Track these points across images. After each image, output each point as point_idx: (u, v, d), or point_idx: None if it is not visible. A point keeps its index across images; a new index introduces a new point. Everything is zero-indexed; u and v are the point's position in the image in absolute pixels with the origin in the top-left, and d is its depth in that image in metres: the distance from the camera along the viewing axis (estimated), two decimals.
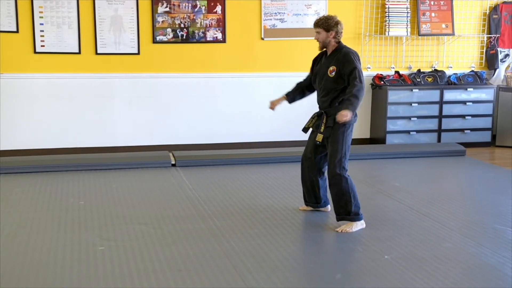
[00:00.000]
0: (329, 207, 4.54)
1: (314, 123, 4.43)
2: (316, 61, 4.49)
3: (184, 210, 4.69)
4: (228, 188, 5.37)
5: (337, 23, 4.27)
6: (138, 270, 3.46)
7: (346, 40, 7.31)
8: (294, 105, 7.25)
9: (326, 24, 4.23)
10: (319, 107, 4.42)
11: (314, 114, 4.47)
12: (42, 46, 6.52)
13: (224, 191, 5.25)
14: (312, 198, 4.54)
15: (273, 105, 4.65)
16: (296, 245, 3.89)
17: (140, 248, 3.80)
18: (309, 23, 7.25)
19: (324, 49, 4.39)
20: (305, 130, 4.56)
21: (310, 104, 7.33)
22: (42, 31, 6.50)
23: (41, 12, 6.47)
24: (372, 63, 7.50)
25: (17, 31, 6.43)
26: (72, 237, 4.02)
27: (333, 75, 4.21)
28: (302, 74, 7.20)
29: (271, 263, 3.59)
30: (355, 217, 4.16)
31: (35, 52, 6.51)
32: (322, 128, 4.25)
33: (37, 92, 6.60)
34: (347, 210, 4.14)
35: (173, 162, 6.25)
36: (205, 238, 4.01)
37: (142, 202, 4.91)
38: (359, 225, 4.18)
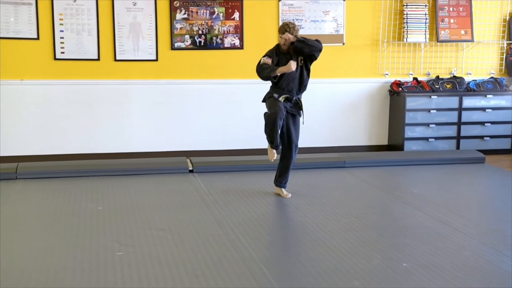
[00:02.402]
0: None
1: (289, 106, 5.15)
2: (277, 55, 5.10)
3: (201, 216, 4.70)
4: (245, 194, 5.37)
5: (299, 28, 5.09)
6: (155, 276, 3.47)
7: (364, 46, 7.38)
8: (310, 112, 7.28)
9: (294, 31, 4.98)
10: (288, 92, 5.11)
11: (282, 97, 5.10)
12: (62, 52, 6.59)
13: (241, 197, 5.25)
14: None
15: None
16: (313, 251, 3.87)
17: (157, 254, 3.82)
18: (327, 29, 7.26)
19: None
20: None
21: (327, 112, 7.34)
22: (62, 38, 6.57)
23: (61, 19, 6.55)
24: (390, 69, 7.47)
25: (37, 38, 6.51)
26: (90, 242, 4.05)
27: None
28: (320, 80, 7.27)
29: (288, 269, 3.58)
30: None
31: (55, 58, 6.59)
32: (302, 111, 5.20)
33: (56, 98, 6.67)
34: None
35: (190, 168, 6.27)
36: (223, 244, 4.01)
37: (160, 207, 4.93)
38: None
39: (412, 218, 4.68)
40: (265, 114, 5.14)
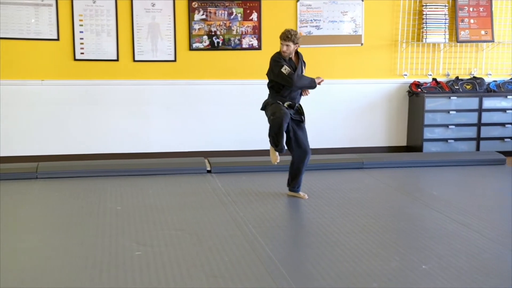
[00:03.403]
0: None
1: (293, 113, 5.18)
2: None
3: (219, 216, 4.71)
4: (263, 194, 5.38)
5: (300, 36, 5.12)
6: (174, 276, 3.48)
7: (383, 47, 7.34)
8: (327, 113, 7.27)
9: (296, 39, 5.03)
10: (291, 100, 5.17)
11: (286, 104, 5.15)
12: (81, 53, 6.65)
13: (259, 198, 5.25)
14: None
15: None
16: (332, 253, 3.86)
17: (176, 254, 3.83)
18: (345, 30, 7.23)
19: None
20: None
21: (345, 113, 7.31)
22: (81, 38, 6.63)
23: (81, 20, 6.60)
24: (409, 70, 7.42)
25: (57, 39, 6.57)
26: (109, 242, 4.07)
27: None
28: (338, 81, 7.24)
29: (306, 270, 3.57)
30: None
31: (74, 59, 6.64)
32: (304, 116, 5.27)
33: (76, 98, 6.72)
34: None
35: (208, 169, 6.29)
36: (241, 245, 4.01)
37: (178, 208, 4.95)
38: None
39: (431, 220, 4.65)
40: (269, 118, 5.13)
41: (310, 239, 4.14)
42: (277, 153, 5.20)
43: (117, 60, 6.75)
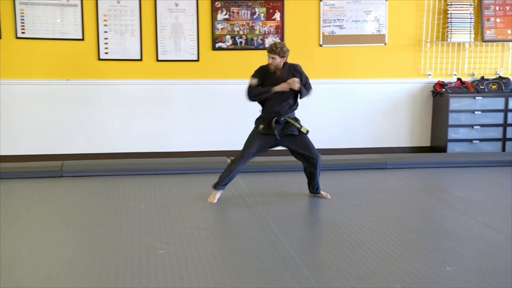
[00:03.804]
0: None
1: (279, 129, 5.06)
2: (263, 75, 5.10)
3: (242, 215, 4.72)
4: (285, 194, 5.37)
5: (287, 50, 5.05)
6: (197, 274, 3.49)
7: (407, 46, 7.28)
8: (350, 113, 7.23)
9: (282, 52, 4.98)
10: (275, 114, 5.05)
11: (268, 121, 5.09)
12: (106, 53, 6.71)
13: (281, 198, 5.25)
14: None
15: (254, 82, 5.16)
16: (354, 253, 3.84)
17: (198, 253, 3.85)
18: (369, 29, 7.19)
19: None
20: (270, 136, 5.11)
21: (368, 112, 7.26)
22: (106, 38, 6.69)
23: (105, 20, 6.67)
24: (433, 70, 7.35)
25: (82, 39, 6.64)
26: (132, 240, 4.10)
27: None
28: (361, 81, 7.21)
29: (328, 270, 3.56)
30: None
31: (99, 59, 6.71)
32: (299, 126, 5.08)
33: (100, 98, 6.79)
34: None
35: None
36: (263, 244, 4.01)
37: (200, 207, 4.97)
38: None
39: (455, 221, 4.60)
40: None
41: (332, 239, 4.12)
42: (215, 192, 5.12)
43: (140, 60, 6.80)
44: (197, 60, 6.90)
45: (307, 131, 5.09)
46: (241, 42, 6.98)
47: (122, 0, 6.66)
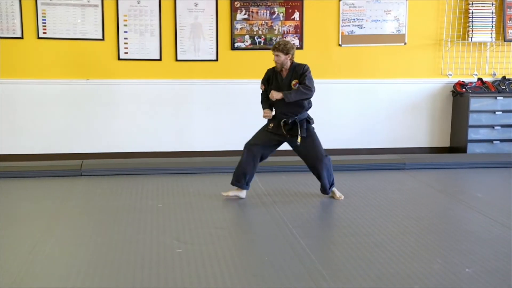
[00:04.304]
0: None
1: (287, 129, 5.03)
2: (269, 78, 5.13)
3: (259, 215, 4.72)
4: (303, 194, 5.36)
5: (292, 46, 5.00)
6: (214, 274, 3.50)
7: (427, 46, 7.22)
8: (369, 113, 7.19)
9: (286, 49, 4.94)
10: (283, 115, 5.03)
11: (278, 121, 5.07)
12: (125, 53, 6.75)
13: (299, 198, 5.24)
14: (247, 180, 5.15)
15: (269, 114, 5.19)
16: (372, 254, 3.82)
17: (216, 252, 3.86)
18: (388, 29, 7.14)
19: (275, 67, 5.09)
20: (280, 135, 5.11)
21: (387, 113, 7.22)
22: (126, 38, 6.74)
23: (125, 20, 6.71)
24: (454, 69, 7.28)
25: (102, 39, 6.69)
26: (150, 239, 4.13)
27: (297, 87, 4.95)
28: (380, 81, 7.17)
29: (346, 271, 3.54)
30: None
31: (119, 59, 6.75)
32: (300, 131, 5.00)
33: (120, 98, 6.84)
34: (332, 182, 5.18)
35: None
36: (280, 244, 4.01)
37: (218, 206, 4.98)
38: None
39: (475, 223, 4.55)
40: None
41: (350, 239, 4.11)
42: (235, 192, 5.13)
43: (160, 59, 6.83)
44: (216, 60, 6.92)
45: (300, 141, 5.01)
46: (260, 42, 6.98)
47: (142, 0, 6.70)
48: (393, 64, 7.20)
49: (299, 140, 5.00)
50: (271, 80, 5.12)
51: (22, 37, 6.55)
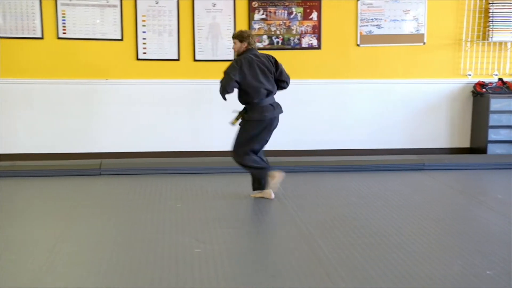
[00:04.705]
0: None
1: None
2: None
3: (277, 216, 4.71)
4: (320, 195, 5.35)
5: (249, 35, 5.07)
6: (232, 274, 3.50)
7: (446, 46, 7.16)
8: (387, 113, 7.13)
9: (240, 36, 5.05)
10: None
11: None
12: (144, 53, 6.79)
13: (317, 198, 5.22)
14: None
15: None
16: (391, 255, 3.79)
17: (234, 252, 3.86)
18: (407, 29, 7.10)
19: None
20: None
21: (405, 113, 7.17)
22: (144, 38, 6.77)
23: (144, 20, 6.75)
24: (474, 70, 7.21)
25: (121, 39, 6.74)
26: (169, 239, 4.14)
27: None
28: (399, 81, 7.12)
29: (364, 272, 3.52)
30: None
31: (137, 59, 6.79)
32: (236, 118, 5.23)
33: (138, 98, 6.87)
34: None
35: None
36: (298, 245, 4.00)
37: (237, 206, 4.98)
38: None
39: (496, 224, 4.50)
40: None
41: (369, 240, 4.08)
42: (277, 172, 5.13)
43: (178, 59, 6.85)
44: None
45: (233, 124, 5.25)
46: (277, 42, 6.97)
47: (161, 1, 6.73)
48: (412, 64, 7.15)
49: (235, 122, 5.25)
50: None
51: (42, 37, 6.61)
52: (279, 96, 7.04)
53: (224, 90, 5.06)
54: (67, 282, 3.41)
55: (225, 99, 5.13)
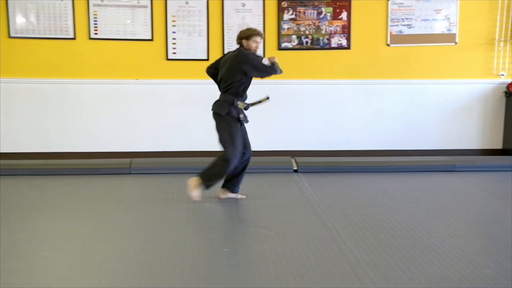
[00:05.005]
0: None
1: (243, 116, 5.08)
2: None
3: (306, 216, 4.70)
4: (350, 196, 5.31)
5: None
6: (260, 274, 3.50)
7: (478, 45, 7.06)
8: (418, 114, 7.05)
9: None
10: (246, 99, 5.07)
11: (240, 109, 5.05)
12: (173, 53, 6.83)
13: (346, 199, 5.19)
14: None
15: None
16: (421, 257, 3.75)
17: (263, 252, 3.85)
18: (438, 28, 7.01)
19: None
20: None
21: (436, 114, 7.07)
22: (174, 39, 6.82)
23: (174, 21, 6.79)
24: (507, 70, 7.08)
25: (151, 39, 6.79)
26: (198, 237, 4.16)
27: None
28: (430, 81, 7.04)
29: (394, 274, 3.49)
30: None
31: (167, 59, 6.84)
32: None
33: (168, 97, 6.92)
34: None
35: (295, 168, 6.29)
36: (327, 246, 3.98)
37: (265, 206, 4.98)
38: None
39: None
40: (221, 156, 5.00)
41: (399, 242, 4.04)
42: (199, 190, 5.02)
43: (207, 59, 6.88)
44: None
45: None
46: (307, 42, 6.95)
47: (190, 1, 6.77)
48: (443, 64, 7.06)
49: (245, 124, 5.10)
50: None
51: (74, 38, 6.71)
52: (311, 97, 7.04)
53: (276, 70, 5.03)
54: (98, 279, 3.45)
55: (280, 71, 5.10)
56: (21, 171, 6.10)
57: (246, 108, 5.08)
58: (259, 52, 5.31)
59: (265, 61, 5.01)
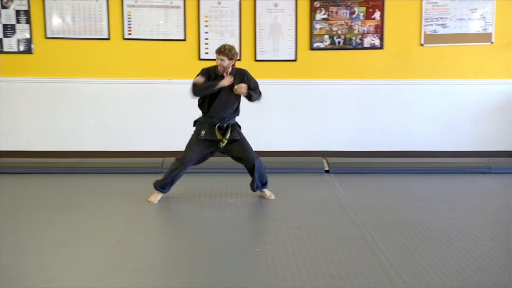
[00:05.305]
0: None
1: (221, 133, 5.08)
2: (210, 77, 5.11)
3: (337, 217, 4.67)
4: (382, 197, 5.26)
5: (236, 53, 5.08)
6: (292, 274, 3.50)
7: (507, 46, 6.88)
8: (453, 115, 6.94)
9: (230, 54, 5.00)
10: (219, 119, 5.08)
11: (209, 127, 5.11)
12: (206, 53, 6.87)
13: (378, 200, 5.15)
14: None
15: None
16: (455, 260, 3.69)
17: (294, 252, 3.85)
18: (474, 28, 6.89)
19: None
20: (214, 143, 5.14)
21: (471, 114, 6.95)
22: (206, 39, 6.86)
23: (206, 21, 6.83)
24: None
25: (184, 40, 6.84)
26: (229, 237, 4.17)
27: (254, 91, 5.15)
28: (465, 81, 6.93)
29: (428, 276, 3.44)
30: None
31: (199, 59, 6.88)
32: (228, 135, 5.07)
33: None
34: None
35: (326, 168, 6.26)
36: (359, 247, 3.96)
37: (296, 206, 4.97)
38: None
39: None
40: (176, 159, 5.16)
41: (431, 244, 3.99)
42: (158, 194, 5.09)
43: (239, 59, 6.88)
44: (295, 60, 6.91)
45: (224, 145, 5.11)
46: (339, 42, 6.91)
47: (223, 1, 6.80)
48: (478, 64, 6.94)
49: (223, 143, 5.07)
50: (211, 79, 5.10)
51: (108, 38, 6.80)
52: (343, 97, 7.00)
53: (193, 90, 5.20)
54: (130, 277, 3.49)
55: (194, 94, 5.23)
56: (55, 169, 6.22)
57: (220, 128, 5.09)
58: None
59: (196, 78, 5.15)
